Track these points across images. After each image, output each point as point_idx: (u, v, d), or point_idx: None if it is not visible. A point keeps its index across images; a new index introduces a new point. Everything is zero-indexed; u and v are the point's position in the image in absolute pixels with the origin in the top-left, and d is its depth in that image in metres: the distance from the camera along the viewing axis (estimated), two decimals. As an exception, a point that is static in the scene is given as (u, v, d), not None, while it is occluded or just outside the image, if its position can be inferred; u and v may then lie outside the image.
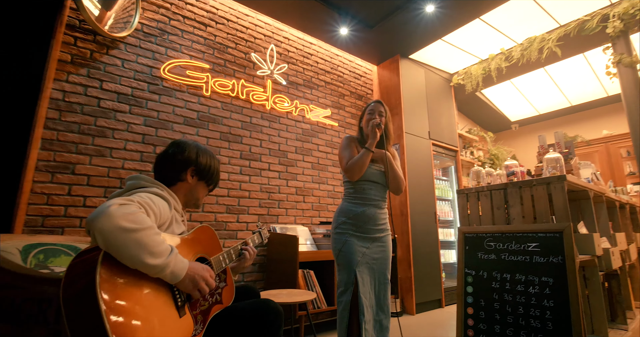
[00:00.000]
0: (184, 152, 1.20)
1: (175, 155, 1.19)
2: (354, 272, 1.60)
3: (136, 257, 0.82)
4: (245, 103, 2.93)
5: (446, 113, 4.16)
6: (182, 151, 1.20)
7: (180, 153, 1.20)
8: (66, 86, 2.15)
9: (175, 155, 1.19)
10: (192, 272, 0.95)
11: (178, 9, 2.71)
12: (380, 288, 1.66)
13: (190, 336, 0.95)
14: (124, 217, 0.81)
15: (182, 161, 1.19)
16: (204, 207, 2.55)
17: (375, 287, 1.66)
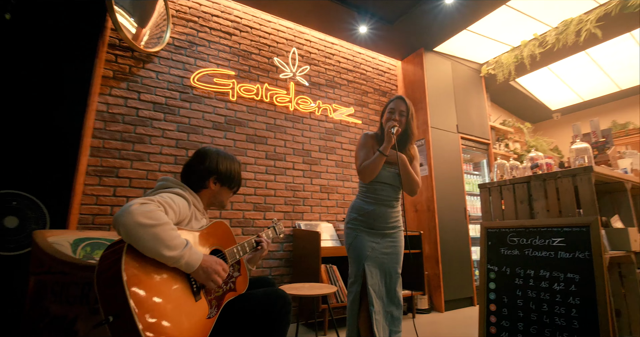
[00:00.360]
0: (205, 163, 1.32)
1: (197, 165, 1.32)
2: (363, 265, 1.66)
3: (153, 249, 0.96)
4: (269, 106, 3.07)
5: (476, 105, 4.02)
6: (203, 161, 1.33)
7: (202, 163, 1.32)
8: (109, 99, 2.42)
9: (197, 165, 1.32)
10: (205, 264, 1.07)
11: (205, 21, 2.90)
12: (390, 281, 1.70)
13: (205, 318, 1.08)
14: (142, 214, 0.95)
15: (204, 171, 1.31)
16: (232, 205, 2.72)
17: (385, 280, 1.69)
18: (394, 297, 1.68)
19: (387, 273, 1.70)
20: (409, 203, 3.61)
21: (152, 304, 0.93)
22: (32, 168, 1.92)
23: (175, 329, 0.95)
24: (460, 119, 3.79)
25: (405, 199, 3.61)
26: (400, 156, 1.72)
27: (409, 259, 3.13)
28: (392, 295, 1.69)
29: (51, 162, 1.98)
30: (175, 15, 2.78)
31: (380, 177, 1.74)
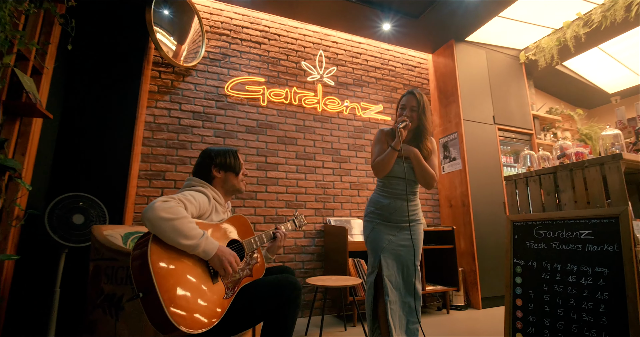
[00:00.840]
0: (205, 158, 1.53)
1: (199, 162, 1.54)
2: (379, 257, 1.72)
3: (174, 239, 1.14)
4: (298, 108, 3.23)
5: (516, 94, 3.81)
6: (201, 158, 1.54)
7: (202, 159, 1.53)
8: (155, 111, 2.74)
9: (199, 162, 1.54)
10: (220, 253, 1.24)
11: (236, 33, 3.14)
12: (407, 273, 1.73)
13: (222, 298, 1.25)
14: (164, 210, 1.14)
15: (204, 164, 1.51)
16: (266, 203, 2.92)
17: (402, 272, 1.74)
18: (412, 288, 1.72)
19: (405, 265, 1.74)
20: (444, 198, 3.55)
21: (173, 284, 1.11)
22: (95, 173, 2.27)
23: (193, 304, 1.13)
24: (497, 109, 3.63)
25: (439, 194, 3.57)
26: (412, 150, 1.75)
27: (441, 255, 3.10)
28: (409, 287, 1.72)
29: (109, 168, 2.32)
30: (210, 31, 3.05)
31: (395, 172, 1.78)
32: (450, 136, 3.52)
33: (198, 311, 1.14)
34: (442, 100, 3.69)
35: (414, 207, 1.81)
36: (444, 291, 2.90)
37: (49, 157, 2.18)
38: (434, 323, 2.62)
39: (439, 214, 3.60)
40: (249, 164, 2.93)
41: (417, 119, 1.79)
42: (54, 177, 2.19)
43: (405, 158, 1.78)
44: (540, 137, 3.92)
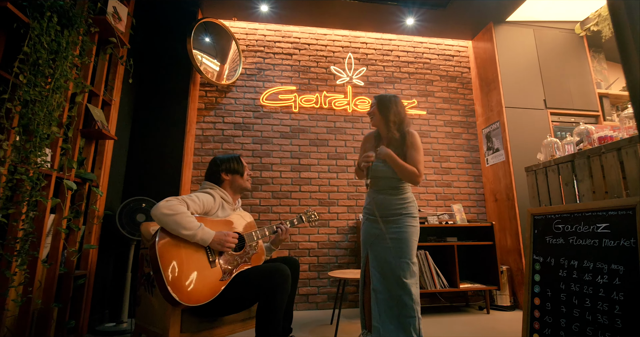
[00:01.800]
0: (212, 167, 1.82)
1: (209, 169, 1.83)
2: (367, 249, 1.82)
3: (176, 230, 1.45)
4: (328, 111, 3.40)
5: (576, 72, 3.37)
6: (212, 165, 1.83)
7: (211, 169, 1.83)
8: (203, 125, 3.21)
9: (209, 169, 1.83)
10: (217, 238, 1.51)
11: (269, 48, 3.46)
12: (397, 266, 1.75)
13: (218, 280, 1.51)
14: (166, 207, 1.45)
15: (214, 171, 1.80)
16: (300, 201, 3.16)
17: (391, 264, 1.77)
18: (401, 282, 1.72)
19: (395, 258, 1.78)
20: (489, 192, 3.34)
21: (175, 266, 1.41)
22: (155, 180, 2.79)
23: (190, 283, 1.42)
24: (549, 92, 3.27)
25: (484, 188, 3.39)
26: (385, 153, 1.78)
27: (480, 252, 2.96)
28: (399, 280, 1.73)
29: (166, 176, 2.83)
30: (246, 49, 3.43)
31: (377, 172, 1.85)
32: (492, 126, 3.30)
33: (195, 288, 1.43)
34: (484, 88, 3.47)
35: (401, 201, 1.83)
36: (481, 289, 2.77)
37: (122, 169, 2.76)
38: (461, 322, 2.54)
39: (485, 209, 3.39)
40: (283, 166, 3.21)
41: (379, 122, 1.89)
42: (126, 184, 2.77)
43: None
44: (612, 118, 3.39)
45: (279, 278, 1.54)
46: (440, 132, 3.53)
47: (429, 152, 3.45)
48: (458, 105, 3.63)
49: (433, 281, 2.70)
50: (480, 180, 3.46)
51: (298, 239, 3.09)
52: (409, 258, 1.75)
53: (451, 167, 3.46)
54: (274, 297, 1.52)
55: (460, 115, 3.60)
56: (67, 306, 2.04)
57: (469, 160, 3.50)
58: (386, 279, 1.76)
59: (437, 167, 3.43)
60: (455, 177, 3.43)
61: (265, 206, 3.12)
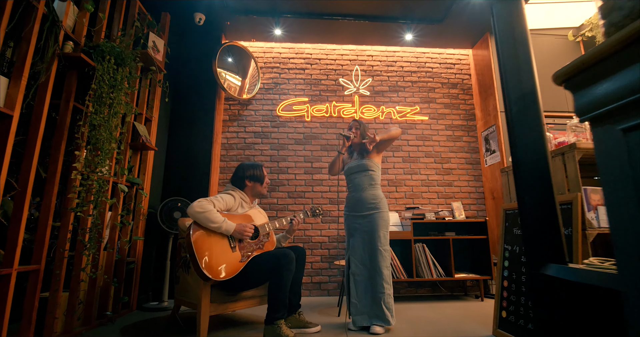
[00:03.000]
0: (239, 173, 2.24)
1: (237, 174, 2.25)
2: (348, 241, 2.22)
3: (205, 223, 1.89)
4: (337, 119, 3.78)
5: (572, 76, 3.55)
6: (237, 173, 2.25)
7: (237, 174, 2.24)
8: (228, 135, 3.68)
9: (237, 174, 2.25)
10: (237, 228, 1.94)
11: (284, 64, 3.89)
12: (371, 253, 2.15)
13: (238, 261, 1.94)
14: (198, 206, 1.89)
15: (240, 176, 2.22)
16: (312, 201, 3.56)
17: (368, 252, 2.16)
18: (376, 265, 2.13)
19: (369, 247, 2.17)
20: (487, 191, 3.59)
21: (205, 250, 1.85)
22: (188, 183, 3.29)
23: (217, 263, 1.85)
24: (543, 96, 3.46)
25: (484, 187, 3.64)
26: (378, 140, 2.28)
27: (475, 245, 3.23)
28: (374, 264, 2.14)
29: (197, 179, 3.32)
30: (264, 66, 3.88)
31: (350, 169, 2.33)
32: (489, 129, 3.55)
33: (221, 267, 1.87)
34: (482, 93, 3.72)
35: (372, 198, 2.22)
36: (475, 278, 3.04)
37: (161, 174, 3.28)
38: (454, 307, 2.83)
39: (484, 206, 3.64)
40: (297, 169, 3.63)
41: (360, 136, 2.36)
42: (165, 187, 3.28)
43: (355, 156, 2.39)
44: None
45: (285, 260, 1.94)
46: (441, 135, 3.81)
47: (430, 154, 3.74)
48: (459, 110, 3.89)
49: (430, 270, 3.01)
50: (480, 179, 3.71)
51: (311, 233, 3.49)
52: (380, 246, 2.16)
53: (452, 168, 3.73)
54: (281, 275, 1.93)
55: (461, 119, 3.87)
56: (121, 286, 2.55)
57: (469, 161, 3.76)
58: (363, 264, 2.17)
59: (439, 168, 3.72)
60: (456, 177, 3.71)
61: (282, 204, 3.54)
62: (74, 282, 2.03)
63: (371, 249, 2.17)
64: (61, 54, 1.92)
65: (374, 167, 2.31)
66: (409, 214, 3.31)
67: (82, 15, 2.13)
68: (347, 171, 2.39)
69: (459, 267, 3.25)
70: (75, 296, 2.01)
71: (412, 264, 3.00)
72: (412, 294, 3.39)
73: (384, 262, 2.16)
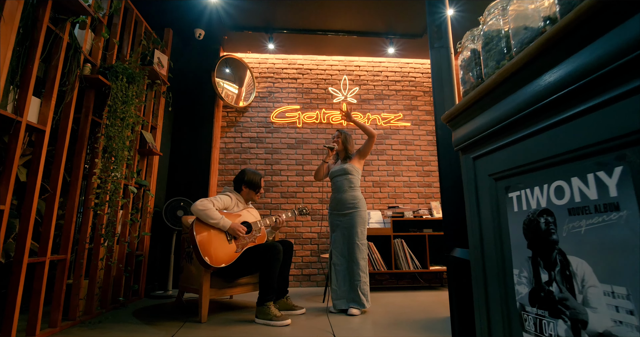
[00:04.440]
0: (240, 176, 2.57)
1: (237, 178, 2.58)
2: (331, 235, 2.55)
3: (206, 219, 2.22)
4: (327, 125, 4.11)
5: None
6: (239, 176, 2.57)
7: (239, 177, 2.57)
8: (226, 140, 4.02)
9: (237, 178, 2.58)
10: (232, 226, 2.27)
11: (277, 74, 4.22)
12: (350, 246, 2.49)
13: (233, 252, 2.28)
14: (200, 205, 2.22)
15: (238, 181, 2.56)
16: (304, 200, 3.90)
17: (348, 246, 2.50)
18: (353, 257, 2.46)
19: (348, 241, 2.51)
20: (464, 191, 3.92)
21: (206, 242, 2.19)
22: (189, 184, 3.63)
23: (215, 253, 2.19)
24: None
25: (461, 187, 3.97)
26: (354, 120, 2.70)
27: (449, 240, 3.57)
28: (352, 256, 2.47)
29: (198, 181, 3.65)
30: (259, 76, 4.21)
31: (334, 173, 2.69)
32: (465, 135, 3.88)
33: (219, 256, 2.20)
34: (460, 102, 4.04)
35: (352, 199, 2.55)
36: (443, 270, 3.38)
37: (165, 176, 3.62)
38: (426, 295, 3.17)
39: (461, 206, 3.97)
40: (289, 172, 3.96)
41: (342, 143, 2.71)
42: (169, 188, 3.62)
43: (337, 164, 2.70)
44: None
45: (274, 251, 2.28)
46: (422, 140, 4.14)
47: (412, 157, 4.08)
48: (439, 117, 4.22)
49: (407, 263, 3.35)
50: (458, 181, 4.04)
51: (302, 230, 3.83)
52: (358, 240, 2.49)
53: (432, 170, 4.07)
54: (269, 264, 2.27)
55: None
56: (131, 275, 2.88)
57: (448, 164, 4.09)
58: (343, 256, 2.50)
59: (420, 170, 4.06)
60: (435, 179, 4.04)
61: (275, 204, 3.88)
62: (93, 270, 2.37)
63: (350, 243, 2.51)
64: (82, 75, 2.25)
65: (354, 172, 2.64)
66: (390, 213, 3.65)
67: (97, 39, 2.46)
68: (331, 174, 2.72)
69: (435, 260, 3.59)
70: (94, 282, 2.35)
71: (391, 257, 3.34)
72: (393, 285, 3.73)
73: (360, 255, 2.49)
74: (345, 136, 2.80)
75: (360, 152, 2.74)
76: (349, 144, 2.78)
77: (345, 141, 2.77)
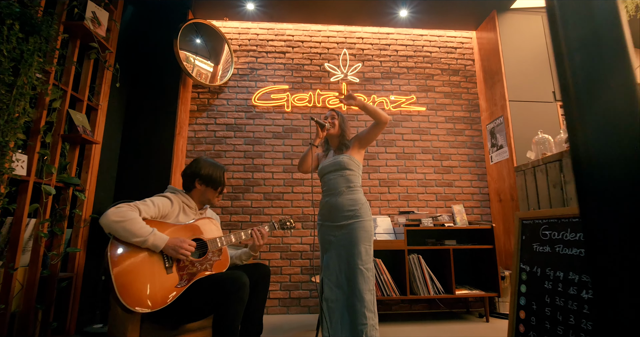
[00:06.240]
0: (192, 168, 1.75)
1: (187, 170, 1.76)
2: (323, 257, 1.75)
3: (126, 237, 1.42)
4: (322, 110, 3.31)
5: (591, 60, 3.09)
6: (191, 167, 1.76)
7: (190, 168, 1.76)
8: (195, 127, 3.21)
9: (187, 170, 1.76)
10: (171, 244, 1.47)
11: (262, 47, 3.41)
12: (350, 273, 1.69)
13: (174, 287, 1.48)
14: (114, 214, 1.42)
15: (190, 174, 1.74)
16: (292, 203, 3.10)
17: (345, 272, 1.70)
18: (355, 289, 1.66)
19: (346, 265, 1.71)
20: (493, 192, 3.13)
21: (128, 273, 1.39)
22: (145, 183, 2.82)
23: (142, 290, 1.39)
24: (559, 83, 3.01)
25: (489, 187, 3.18)
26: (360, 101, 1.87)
27: (479, 256, 2.78)
28: (353, 287, 1.67)
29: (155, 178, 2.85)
30: (238, 49, 3.40)
31: (325, 168, 1.92)
32: (496, 121, 3.08)
33: (147, 294, 1.40)
34: (487, 81, 3.25)
35: (351, 203, 1.76)
36: (480, 296, 2.59)
37: (113, 172, 2.81)
38: (453, 330, 2.38)
39: (489, 210, 3.18)
40: (275, 167, 3.16)
41: (338, 126, 1.98)
42: (118, 187, 2.81)
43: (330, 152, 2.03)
44: (634, 110, 3.07)
45: (232, 287, 1.48)
46: (441, 128, 3.34)
47: (428, 150, 3.28)
48: (461, 100, 3.42)
49: (427, 286, 2.56)
50: (485, 179, 3.25)
51: (289, 241, 3.03)
52: (361, 264, 1.70)
53: (453, 165, 3.27)
54: (227, 307, 1.46)
55: (463, 111, 3.40)
56: (50, 308, 2.08)
57: (472, 158, 3.30)
58: (339, 287, 1.71)
59: (437, 165, 3.26)
60: (457, 176, 3.24)
61: (256, 207, 3.08)
62: (-36, 312, 1.57)
63: (349, 268, 1.72)
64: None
65: (353, 166, 1.85)
66: (402, 219, 2.85)
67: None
68: (321, 170, 1.94)
69: (460, 281, 2.80)
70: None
71: (405, 279, 2.54)
72: (406, 310, 2.94)
73: (365, 285, 1.69)
74: (342, 118, 2.03)
75: (360, 139, 1.96)
76: (347, 128, 2.02)
77: (343, 123, 2.01)
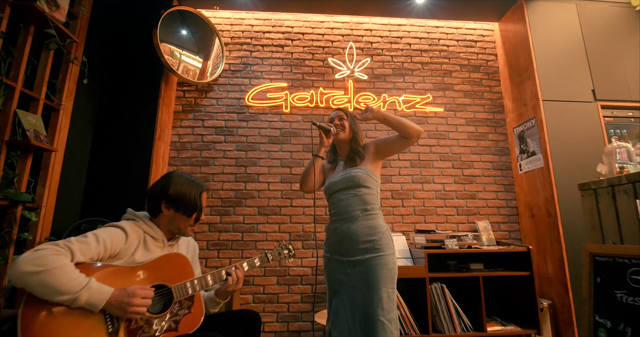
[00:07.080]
0: (159, 185, 1.31)
1: (153, 188, 1.33)
2: (331, 301, 1.34)
3: (44, 295, 0.98)
4: (325, 110, 2.90)
5: (634, 55, 2.70)
6: (157, 184, 1.32)
7: (157, 186, 1.32)
8: (180, 130, 2.79)
9: (153, 188, 1.33)
10: (115, 300, 1.04)
11: (257, 40, 3.00)
12: (367, 326, 1.27)
13: (122, 359, 1.05)
14: (29, 262, 0.97)
15: (155, 195, 1.31)
16: (291, 219, 2.68)
17: (360, 324, 1.28)
18: None
19: (363, 315, 1.29)
20: (523, 205, 2.72)
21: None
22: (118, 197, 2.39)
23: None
24: (599, 80, 2.62)
25: (517, 199, 2.77)
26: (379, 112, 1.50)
27: (513, 284, 2.36)
28: None
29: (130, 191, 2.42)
30: (230, 42, 2.98)
31: (334, 185, 1.53)
32: (526, 124, 2.68)
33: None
34: (514, 78, 2.85)
35: (369, 232, 1.35)
36: (516, 334, 2.17)
37: (80, 185, 2.38)
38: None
39: (518, 226, 2.77)
40: (272, 177, 2.74)
41: (349, 129, 1.61)
42: (85, 203, 2.38)
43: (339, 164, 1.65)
44: (684, 111, 2.68)
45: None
46: (461, 132, 2.94)
47: (447, 157, 2.87)
48: (483, 100, 3.02)
49: (452, 322, 2.14)
50: (513, 190, 2.84)
51: (288, 264, 2.59)
52: (382, 315, 1.28)
53: (475, 174, 2.86)
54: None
55: (485, 112, 3.00)
56: (-13, 359, 1.65)
57: (497, 166, 2.89)
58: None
59: (458, 175, 2.85)
60: (481, 187, 2.83)
61: (249, 224, 2.65)
62: None
63: (367, 320, 1.29)
64: None
65: (371, 182, 1.45)
66: (421, 239, 2.44)
67: None
68: (329, 188, 1.53)
69: (491, 313, 2.38)
70: None
71: (427, 314, 2.12)
72: (425, 345, 2.51)
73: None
74: (352, 118, 1.65)
75: (378, 146, 1.57)
76: (360, 131, 1.64)
77: (354, 125, 1.63)
